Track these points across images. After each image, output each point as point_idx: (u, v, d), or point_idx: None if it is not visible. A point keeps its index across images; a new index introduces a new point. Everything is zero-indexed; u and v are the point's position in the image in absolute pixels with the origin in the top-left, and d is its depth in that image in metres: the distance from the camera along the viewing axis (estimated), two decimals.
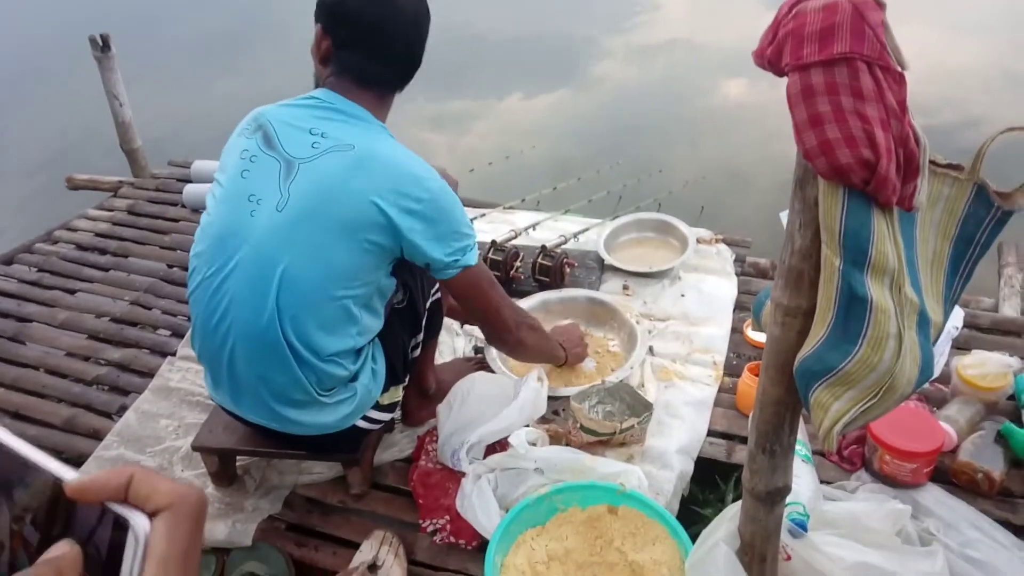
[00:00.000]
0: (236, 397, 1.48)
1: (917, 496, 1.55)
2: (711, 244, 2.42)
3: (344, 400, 1.47)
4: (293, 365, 1.38)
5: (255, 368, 1.40)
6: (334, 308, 1.37)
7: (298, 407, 1.44)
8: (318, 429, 1.47)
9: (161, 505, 0.36)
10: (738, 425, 1.81)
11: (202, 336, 1.46)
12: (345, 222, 1.32)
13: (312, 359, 1.39)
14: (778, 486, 1.15)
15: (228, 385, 1.47)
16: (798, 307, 0.99)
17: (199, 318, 1.45)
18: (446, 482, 1.64)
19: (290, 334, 1.36)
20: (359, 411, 1.50)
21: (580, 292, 2.18)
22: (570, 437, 1.69)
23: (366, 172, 1.33)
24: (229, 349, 1.41)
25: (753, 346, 2.05)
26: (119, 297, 2.45)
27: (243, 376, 1.43)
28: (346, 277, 1.36)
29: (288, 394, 1.42)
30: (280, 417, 1.45)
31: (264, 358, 1.38)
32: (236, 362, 1.42)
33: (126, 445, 1.82)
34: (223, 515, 1.61)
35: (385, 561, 1.48)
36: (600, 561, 1.42)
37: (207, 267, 1.41)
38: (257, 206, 1.36)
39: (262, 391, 1.42)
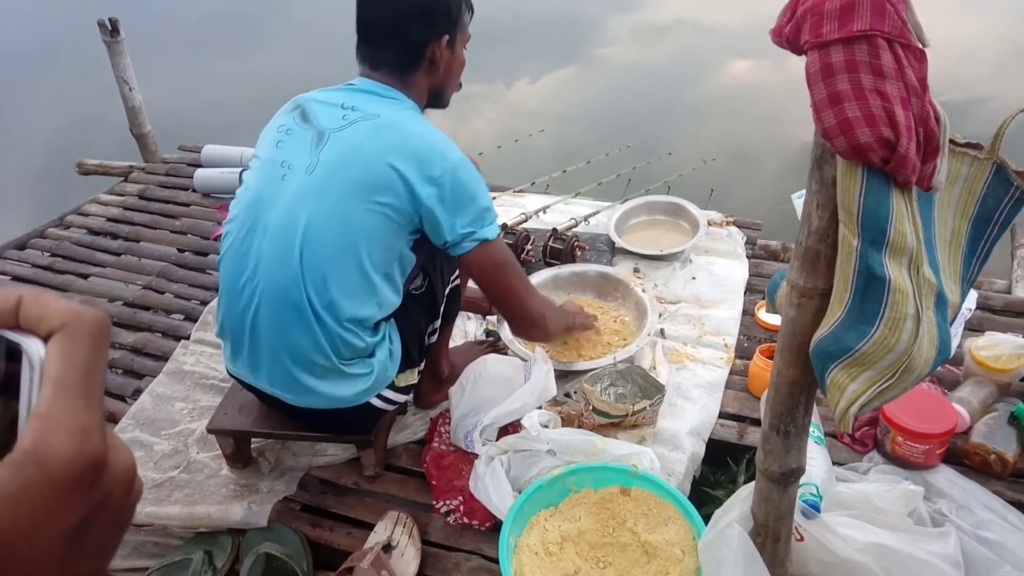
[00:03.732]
0: (255, 365, 1.48)
1: (929, 477, 1.55)
2: (722, 226, 2.41)
3: (362, 375, 1.48)
4: (313, 325, 1.39)
5: (277, 329, 1.42)
6: (354, 271, 1.39)
7: (317, 375, 1.44)
8: (334, 402, 1.47)
9: (55, 326, 0.31)
10: (749, 407, 1.81)
11: (227, 299, 1.48)
12: (364, 183, 1.36)
13: (331, 322, 1.40)
14: (792, 467, 1.14)
15: (248, 352, 1.48)
16: (814, 288, 0.98)
17: (226, 280, 1.48)
18: (459, 464, 1.64)
19: (312, 293, 1.38)
20: (375, 388, 1.50)
21: (589, 267, 2.19)
22: (582, 419, 1.69)
23: (387, 137, 1.38)
24: (254, 309, 1.43)
25: (765, 328, 2.04)
26: (132, 281, 2.46)
27: (264, 339, 1.44)
28: (365, 240, 1.38)
29: (308, 357, 1.42)
30: (298, 385, 1.45)
31: (287, 318, 1.40)
32: (259, 324, 1.43)
33: (141, 428, 1.83)
34: (238, 497, 1.62)
35: (399, 541, 1.49)
36: (613, 542, 1.42)
37: (238, 230, 1.45)
38: (288, 171, 1.41)
39: (282, 355, 1.43)
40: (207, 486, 1.66)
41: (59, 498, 0.29)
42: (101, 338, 0.33)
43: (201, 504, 1.60)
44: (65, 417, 0.30)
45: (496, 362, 1.75)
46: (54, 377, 0.31)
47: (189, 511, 1.58)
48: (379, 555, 1.41)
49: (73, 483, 0.29)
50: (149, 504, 1.60)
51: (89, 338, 0.32)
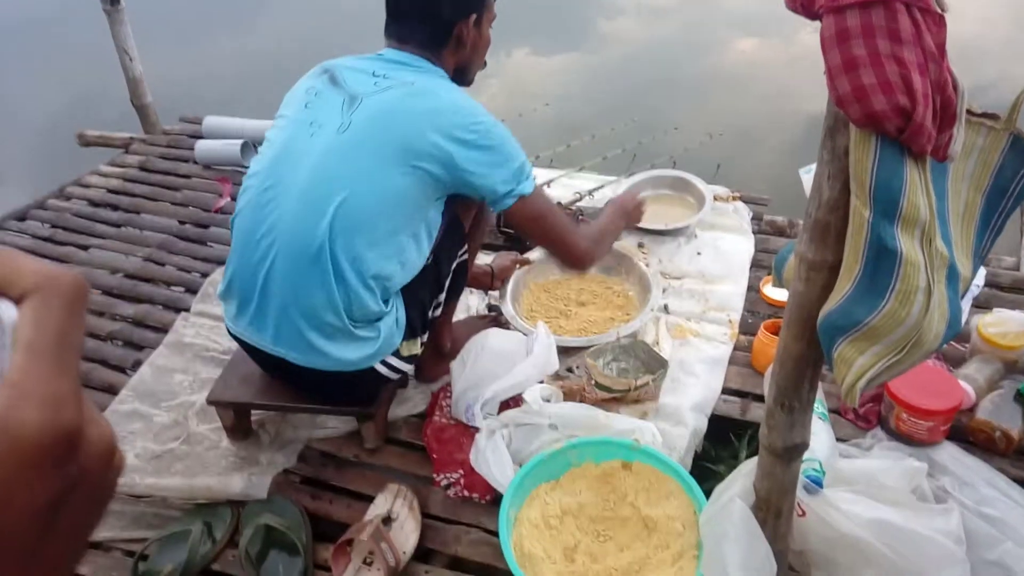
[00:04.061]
0: (261, 323, 1.47)
1: (933, 454, 1.54)
2: (728, 201, 2.38)
3: (369, 339, 1.47)
4: (332, 281, 1.39)
5: (292, 284, 1.41)
6: (384, 230, 1.41)
7: (327, 335, 1.44)
8: (339, 364, 1.46)
9: (28, 288, 0.29)
10: (752, 383, 1.79)
11: (241, 252, 1.47)
12: (400, 146, 1.39)
13: (353, 278, 1.40)
14: (796, 442, 1.13)
15: (256, 309, 1.47)
16: (823, 261, 0.96)
17: (241, 234, 1.47)
18: (460, 437, 1.64)
19: (338, 248, 1.39)
20: (380, 353, 1.50)
21: None
22: (584, 394, 1.68)
23: (423, 103, 1.42)
24: (269, 263, 1.42)
25: (769, 304, 2.02)
26: (132, 253, 2.45)
27: (276, 295, 1.43)
28: (398, 201, 1.42)
29: (320, 315, 1.42)
30: (306, 345, 1.44)
31: (305, 273, 1.40)
32: (272, 279, 1.43)
33: (141, 400, 1.82)
34: (238, 468, 1.62)
35: (399, 514, 1.48)
36: (613, 516, 1.42)
37: (260, 184, 1.46)
38: (319, 130, 1.43)
39: (294, 312, 1.42)
40: (207, 458, 1.65)
41: (30, 474, 0.27)
42: (77, 302, 0.30)
43: (201, 476, 1.59)
44: (37, 386, 0.27)
45: (498, 336, 1.73)
46: (26, 342, 0.28)
47: (189, 483, 1.57)
48: (379, 527, 1.41)
49: (45, 458, 0.27)
50: (149, 476, 1.60)
51: (65, 302, 0.30)
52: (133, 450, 1.68)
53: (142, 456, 1.66)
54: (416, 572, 1.44)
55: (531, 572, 1.29)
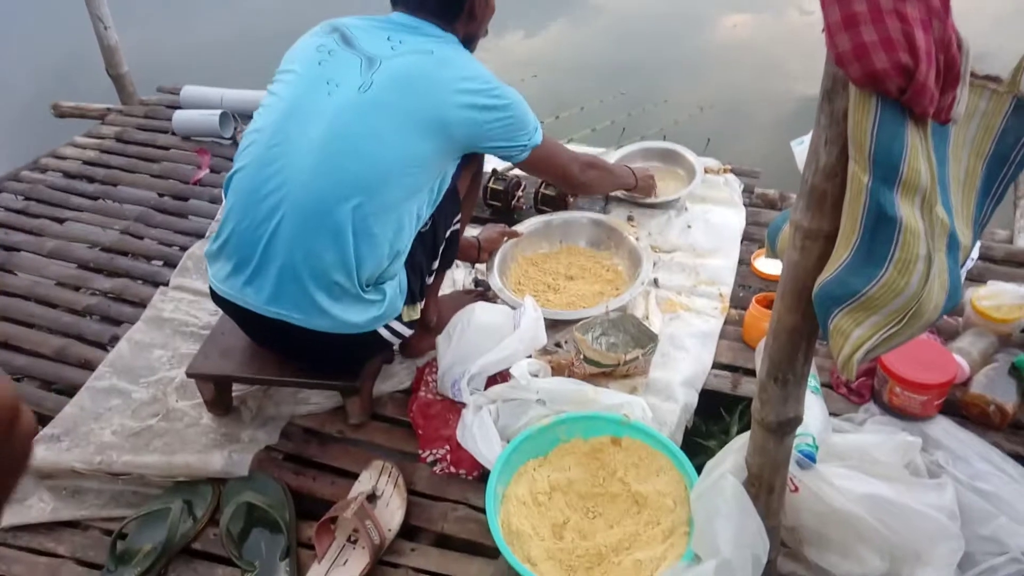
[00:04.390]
0: (260, 283, 1.43)
1: (926, 428, 1.53)
2: (719, 174, 2.35)
3: (375, 302, 1.46)
4: (346, 242, 1.38)
5: (302, 243, 1.38)
6: (402, 190, 1.43)
7: (334, 296, 1.41)
8: (344, 327, 1.44)
9: None
10: (744, 357, 1.78)
11: (243, 209, 1.43)
12: (426, 115, 1.42)
13: (368, 239, 1.40)
14: (789, 417, 1.11)
15: (256, 268, 1.43)
16: (819, 230, 0.93)
17: (243, 191, 1.44)
18: (446, 413, 1.61)
19: (355, 207, 1.38)
20: (385, 317, 1.48)
21: (582, 214, 2.15)
22: (573, 368, 1.65)
23: (448, 72, 1.45)
24: (276, 221, 1.39)
25: (761, 278, 2.00)
26: (109, 226, 2.39)
27: (280, 254, 1.40)
28: (419, 164, 1.44)
29: (330, 276, 1.40)
30: (311, 305, 1.41)
31: (317, 232, 1.38)
32: (278, 237, 1.39)
33: (118, 375, 1.78)
34: (219, 445, 1.59)
35: (384, 491, 1.46)
36: (603, 492, 1.40)
37: (269, 139, 1.43)
38: (336, 88, 1.42)
39: (300, 272, 1.39)
40: (187, 435, 1.62)
41: None
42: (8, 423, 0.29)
43: (180, 453, 1.56)
44: None
45: (484, 310, 1.70)
46: None
47: (168, 460, 1.54)
48: (363, 505, 1.39)
49: None
50: (126, 453, 1.57)
51: None
52: (111, 427, 1.65)
53: (120, 433, 1.63)
54: (402, 549, 1.42)
55: (519, 549, 1.28)
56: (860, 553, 1.31)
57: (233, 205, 1.46)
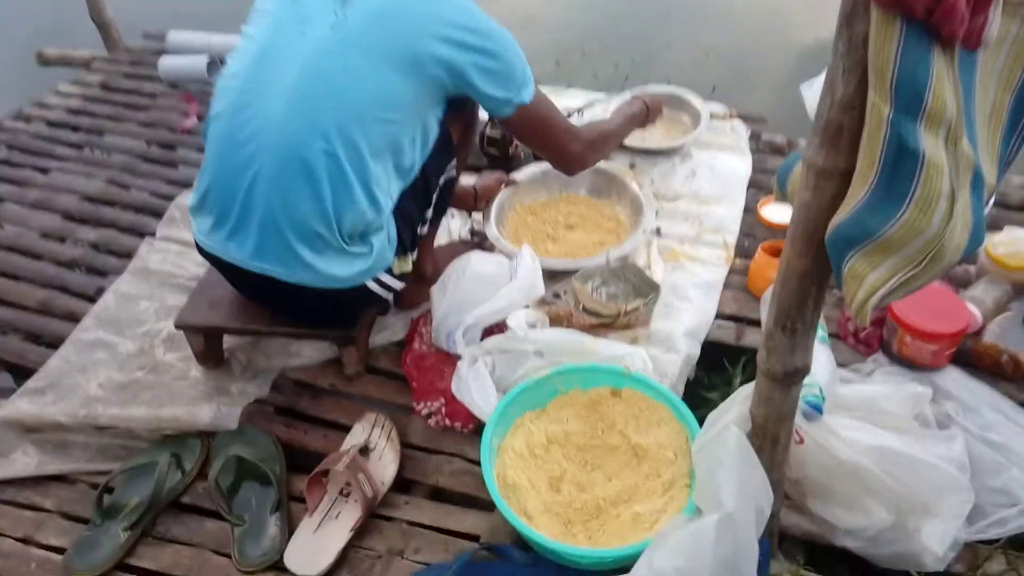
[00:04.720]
0: (243, 236, 1.38)
1: (936, 379, 1.49)
2: (725, 120, 2.28)
3: (361, 255, 1.40)
4: (323, 190, 1.31)
5: (280, 192, 1.33)
6: (381, 135, 1.34)
7: (317, 249, 1.36)
8: (329, 281, 1.39)
9: None
10: (748, 307, 1.73)
11: (221, 158, 1.38)
12: (402, 50, 1.33)
13: (347, 187, 1.33)
14: (796, 366, 1.07)
15: (237, 221, 1.38)
16: (834, 168, 0.88)
17: (220, 139, 1.38)
18: (441, 365, 1.57)
19: (331, 153, 1.31)
20: (373, 270, 1.43)
21: None
22: (572, 319, 1.61)
23: (427, 5, 1.35)
24: (254, 171, 1.33)
25: (767, 226, 1.95)
26: (94, 176, 2.33)
27: (260, 205, 1.34)
28: (397, 105, 1.35)
29: (309, 227, 1.34)
30: (293, 259, 1.36)
31: (294, 180, 1.32)
32: (257, 187, 1.34)
33: (104, 328, 1.74)
34: (208, 398, 1.55)
35: (377, 444, 1.43)
36: (601, 444, 1.37)
37: (243, 85, 1.37)
38: (309, 27, 1.35)
39: (281, 223, 1.34)
40: (175, 388, 1.59)
41: None
42: None
43: (168, 406, 1.53)
44: None
45: (480, 259, 1.65)
46: None
47: (155, 413, 1.51)
48: (355, 458, 1.36)
49: None
50: (113, 406, 1.53)
51: None
52: (96, 380, 1.61)
53: (106, 386, 1.60)
54: (395, 503, 1.39)
55: (515, 502, 1.25)
56: (866, 505, 1.28)
57: (211, 155, 1.40)
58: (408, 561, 1.30)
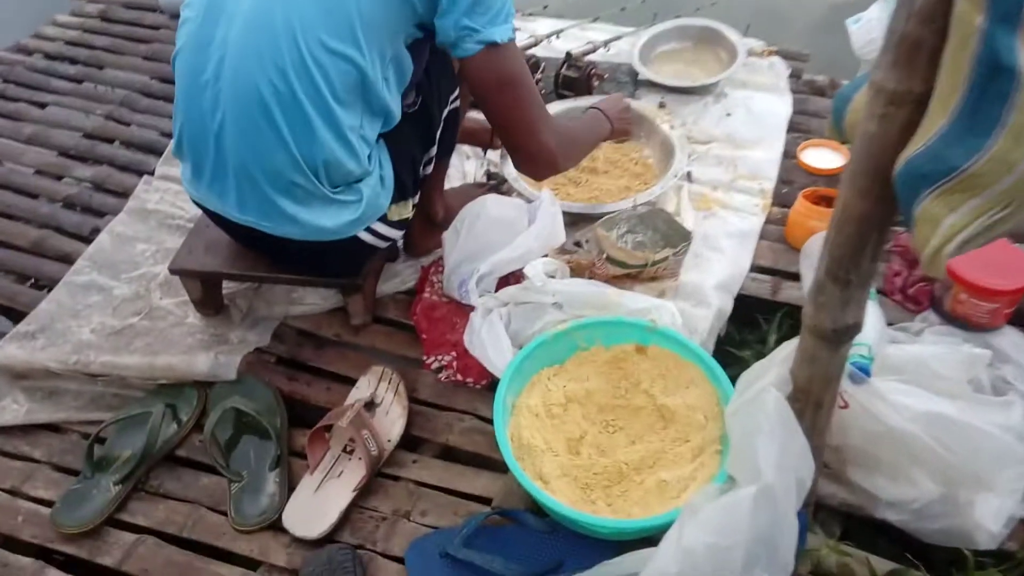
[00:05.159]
0: (222, 188, 1.28)
1: (992, 340, 1.38)
2: (763, 57, 2.14)
3: (349, 203, 1.28)
4: (289, 135, 1.18)
5: (247, 139, 1.21)
6: (348, 72, 1.18)
7: (298, 200, 1.25)
8: (317, 233, 1.28)
9: None
10: (786, 259, 1.63)
11: (186, 102, 1.27)
12: None
13: (316, 129, 1.19)
14: (848, 323, 0.97)
15: (213, 170, 1.27)
16: (908, 92, 0.76)
17: (184, 79, 1.26)
18: (453, 316, 1.48)
19: (292, 91, 1.16)
20: (364, 220, 1.31)
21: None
22: (594, 269, 1.51)
23: None
24: (221, 114, 1.22)
25: (808, 172, 1.82)
26: (92, 111, 2.24)
27: (232, 153, 1.23)
28: (363, 29, 1.16)
29: (285, 176, 1.22)
30: (276, 211, 1.26)
31: (258, 124, 1.19)
32: (225, 134, 1.22)
33: (99, 270, 1.67)
34: (205, 347, 1.48)
35: (384, 399, 1.35)
36: (625, 404, 1.28)
37: (204, 15, 1.22)
38: None
39: (255, 173, 1.23)
40: (170, 335, 1.51)
41: None
42: None
43: (163, 354, 1.46)
44: None
45: (497, 203, 1.55)
46: None
47: (149, 361, 1.44)
48: (360, 413, 1.28)
49: None
50: (105, 353, 1.46)
51: None
52: (89, 325, 1.54)
53: (99, 332, 1.53)
54: (402, 461, 1.32)
55: (529, 464, 1.17)
56: (913, 475, 1.19)
57: (179, 94, 1.28)
58: (414, 524, 1.23)
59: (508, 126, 1.32)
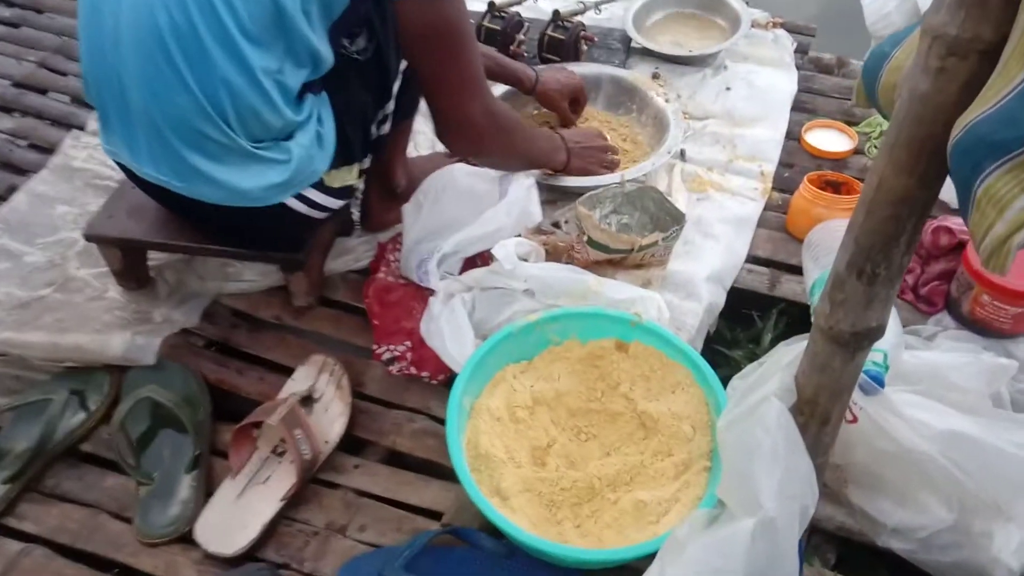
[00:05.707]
0: (132, 141, 1.11)
1: (1012, 348, 1.27)
2: (767, 29, 1.98)
3: (275, 162, 1.10)
4: (191, 77, 1.01)
5: (148, 81, 1.04)
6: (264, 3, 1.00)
7: (210, 155, 1.08)
8: (236, 197, 1.11)
9: None
10: (786, 250, 1.49)
11: (88, 39, 1.10)
12: None
13: (225, 70, 1.01)
14: (870, 326, 0.83)
15: (121, 119, 1.11)
16: (975, 39, 0.62)
17: (85, 9, 1.09)
18: (410, 300, 1.32)
19: (190, 22, 0.99)
20: (293, 184, 1.13)
21: (599, 68, 1.79)
22: (573, 253, 1.35)
23: None
24: (121, 54, 1.05)
25: (813, 155, 1.68)
26: (23, 57, 2.03)
27: (135, 101, 1.07)
28: None
29: (193, 127, 1.05)
30: (186, 168, 1.08)
31: (157, 64, 1.02)
32: (125, 76, 1.05)
33: (11, 234, 1.48)
34: (123, 325, 1.31)
35: (323, 393, 1.19)
36: (600, 408, 1.13)
37: None
38: None
39: (159, 121, 1.06)
40: (86, 310, 1.34)
41: None
42: None
43: (72, 332, 1.28)
44: None
45: (467, 173, 1.39)
46: None
47: (54, 340, 1.26)
48: (294, 409, 1.12)
49: None
50: (7, 329, 1.29)
51: None
52: None
53: (4, 304, 1.35)
54: (342, 466, 1.16)
55: (486, 477, 1.01)
56: (922, 500, 1.07)
57: (79, 33, 1.11)
58: (351, 540, 1.08)
59: (434, 85, 1.19)
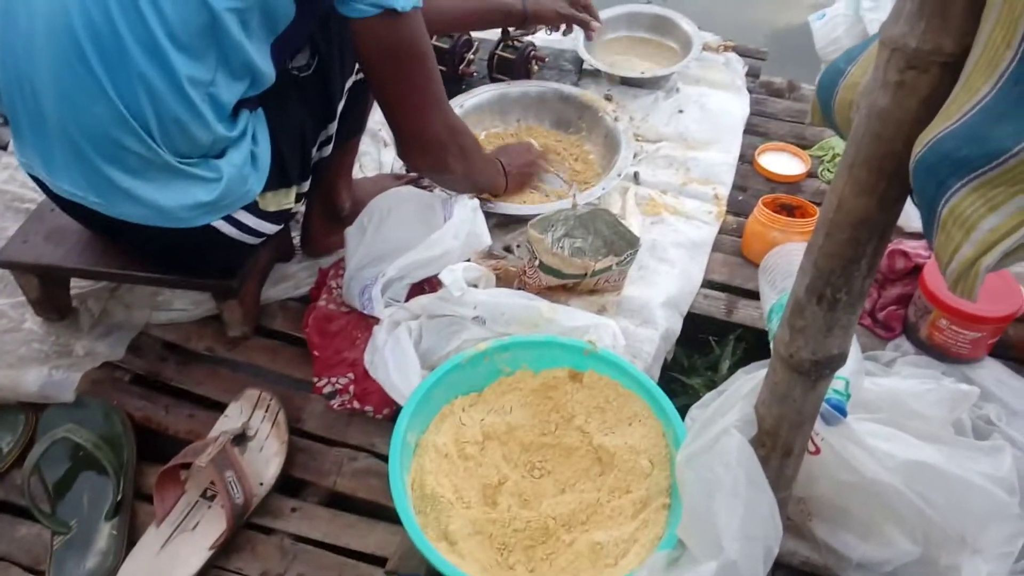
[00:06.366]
0: (46, 151, 1.04)
1: (972, 373, 1.25)
2: (719, 52, 1.99)
3: (201, 181, 1.04)
4: (109, 83, 0.95)
5: (63, 89, 0.97)
6: (194, 6, 0.94)
7: (131, 170, 1.01)
8: (160, 216, 1.04)
9: None
10: (742, 275, 1.47)
11: None
12: None
13: (148, 75, 0.95)
14: (832, 354, 0.80)
15: (31, 129, 1.04)
16: (936, 51, 0.60)
17: None
18: (353, 329, 1.27)
19: (121, 25, 0.93)
20: (222, 205, 1.07)
21: (548, 86, 1.78)
22: (525, 278, 1.31)
23: None
24: (33, 55, 0.98)
25: (766, 178, 1.68)
26: None
27: (48, 108, 0.99)
28: None
29: (113, 139, 0.98)
30: (104, 183, 1.02)
31: (74, 69, 0.95)
32: (38, 80, 0.98)
33: None
34: (40, 359, 1.23)
35: (258, 431, 1.13)
36: (554, 443, 1.08)
37: None
38: None
39: (74, 133, 0.99)
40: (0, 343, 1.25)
41: None
42: None
43: None
44: None
45: (412, 196, 1.35)
46: None
47: None
48: (226, 448, 1.05)
49: None
50: None
51: None
52: None
53: None
54: (278, 510, 1.09)
55: (433, 520, 0.96)
56: (887, 533, 1.04)
57: None
58: None
59: (396, 104, 1.17)
